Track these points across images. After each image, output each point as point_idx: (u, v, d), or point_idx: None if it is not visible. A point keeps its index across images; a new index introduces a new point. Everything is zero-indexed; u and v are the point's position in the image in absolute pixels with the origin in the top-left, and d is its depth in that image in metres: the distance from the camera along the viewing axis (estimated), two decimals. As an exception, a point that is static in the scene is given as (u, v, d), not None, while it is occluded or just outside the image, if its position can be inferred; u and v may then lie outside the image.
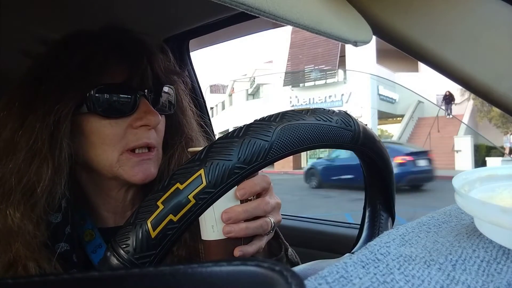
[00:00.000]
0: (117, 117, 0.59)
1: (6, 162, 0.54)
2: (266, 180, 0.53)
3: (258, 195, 0.53)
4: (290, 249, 0.65)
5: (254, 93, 22.95)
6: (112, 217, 0.66)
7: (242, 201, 0.50)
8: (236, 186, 0.49)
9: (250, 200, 0.51)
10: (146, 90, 0.61)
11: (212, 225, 0.49)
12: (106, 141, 0.59)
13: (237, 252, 0.49)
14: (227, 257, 0.49)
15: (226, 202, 0.49)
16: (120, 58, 0.61)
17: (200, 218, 0.50)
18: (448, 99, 16.39)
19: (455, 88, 15.85)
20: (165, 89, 0.65)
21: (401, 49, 0.57)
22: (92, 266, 0.60)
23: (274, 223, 0.54)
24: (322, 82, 18.39)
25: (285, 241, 0.64)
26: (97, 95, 0.58)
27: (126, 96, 0.59)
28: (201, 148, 0.36)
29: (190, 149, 0.58)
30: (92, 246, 0.61)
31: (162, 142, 0.66)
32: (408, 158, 8.87)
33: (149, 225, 0.33)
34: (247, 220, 0.50)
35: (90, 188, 0.65)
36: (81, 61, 0.58)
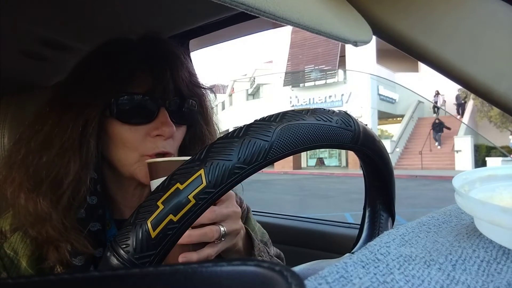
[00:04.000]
0: (136, 124, 0.64)
1: (41, 156, 0.60)
2: None
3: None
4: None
5: (254, 93, 22.95)
6: (128, 211, 0.70)
7: None
8: None
9: None
10: (166, 102, 0.65)
11: None
12: (127, 144, 0.64)
13: (181, 259, 0.51)
14: (173, 263, 0.50)
15: None
16: (146, 70, 0.65)
17: None
18: (439, 127, 16.10)
19: (455, 88, 15.84)
20: (187, 101, 0.69)
21: (401, 49, 0.57)
22: None
23: (225, 231, 0.55)
24: (322, 82, 18.39)
25: (256, 256, 0.66)
26: (119, 102, 0.63)
27: (146, 106, 0.65)
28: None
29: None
30: (108, 235, 0.66)
31: (184, 150, 0.72)
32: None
33: (149, 225, 0.33)
34: (194, 227, 0.52)
35: (112, 184, 0.70)
36: (111, 72, 0.63)
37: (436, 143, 16.26)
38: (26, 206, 0.58)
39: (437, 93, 16.87)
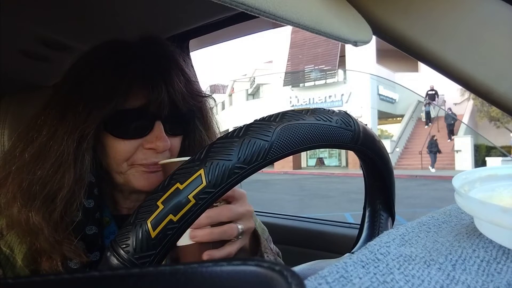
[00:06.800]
0: (131, 139, 0.64)
1: (35, 170, 0.59)
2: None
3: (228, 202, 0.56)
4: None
5: (254, 93, 22.95)
6: (127, 211, 0.72)
7: None
8: None
9: (216, 206, 0.54)
10: (162, 115, 0.64)
11: None
12: (117, 155, 0.64)
13: (205, 256, 0.52)
14: (198, 261, 0.51)
15: None
16: (142, 83, 0.63)
17: None
18: (435, 147, 14.31)
19: (455, 88, 15.81)
20: (184, 112, 0.68)
21: (401, 49, 0.57)
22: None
23: (242, 229, 0.56)
24: (322, 82, 18.38)
25: (263, 252, 0.66)
26: (114, 119, 0.63)
27: (141, 121, 0.64)
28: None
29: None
30: (107, 232, 0.66)
31: (183, 156, 0.71)
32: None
33: (149, 225, 0.33)
34: (213, 226, 0.53)
35: (109, 187, 0.70)
36: (106, 89, 0.62)
37: (430, 167, 14.44)
38: (18, 218, 0.58)
39: (428, 103, 16.06)
